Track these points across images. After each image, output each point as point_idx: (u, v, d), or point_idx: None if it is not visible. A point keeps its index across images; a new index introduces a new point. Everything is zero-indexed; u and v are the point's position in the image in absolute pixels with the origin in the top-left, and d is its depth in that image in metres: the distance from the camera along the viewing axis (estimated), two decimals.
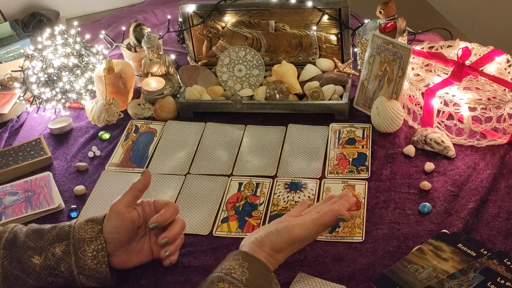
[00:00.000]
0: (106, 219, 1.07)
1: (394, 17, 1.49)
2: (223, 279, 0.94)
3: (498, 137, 1.35)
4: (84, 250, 1.04)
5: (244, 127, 1.47)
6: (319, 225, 1.04)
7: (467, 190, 1.24)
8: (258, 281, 0.96)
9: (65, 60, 1.57)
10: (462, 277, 1.03)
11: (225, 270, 0.96)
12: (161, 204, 1.11)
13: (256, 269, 0.97)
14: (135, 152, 1.43)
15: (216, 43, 1.60)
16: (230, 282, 0.94)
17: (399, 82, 1.40)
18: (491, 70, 1.42)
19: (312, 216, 1.05)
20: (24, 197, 1.31)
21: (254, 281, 0.95)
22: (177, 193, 1.30)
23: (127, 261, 1.09)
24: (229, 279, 0.94)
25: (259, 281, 0.96)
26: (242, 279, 0.94)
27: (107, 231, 1.06)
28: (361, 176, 1.30)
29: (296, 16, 1.53)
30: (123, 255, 1.08)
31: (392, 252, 1.13)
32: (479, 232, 1.15)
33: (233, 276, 0.95)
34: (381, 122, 1.39)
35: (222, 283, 0.93)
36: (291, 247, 1.04)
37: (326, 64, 1.55)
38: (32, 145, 1.45)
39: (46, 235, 1.06)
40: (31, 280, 1.04)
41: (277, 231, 1.02)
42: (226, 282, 0.94)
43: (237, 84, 1.53)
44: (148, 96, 1.54)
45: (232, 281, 0.94)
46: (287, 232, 1.02)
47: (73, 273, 1.04)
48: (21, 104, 1.61)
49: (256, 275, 0.96)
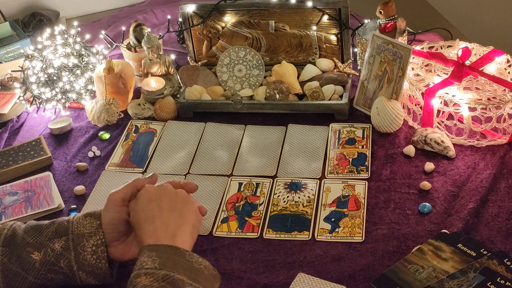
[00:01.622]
0: (104, 209, 1.07)
1: (394, 17, 1.49)
2: (139, 275, 0.93)
3: (498, 137, 1.35)
4: (83, 245, 1.04)
5: (244, 127, 1.47)
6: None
7: (467, 190, 1.24)
8: (171, 260, 0.94)
9: (65, 60, 1.57)
10: (462, 277, 1.03)
11: (137, 267, 0.95)
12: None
13: (163, 252, 0.96)
14: (135, 152, 1.43)
15: (216, 43, 1.60)
16: (145, 273, 0.93)
17: (399, 82, 1.40)
18: (491, 70, 1.42)
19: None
20: (24, 197, 1.31)
21: (167, 262, 0.94)
22: None
23: (126, 252, 1.09)
24: (144, 272, 0.93)
25: (172, 260, 0.94)
26: (155, 266, 0.94)
27: (105, 221, 1.06)
28: (361, 176, 1.30)
29: (296, 16, 1.53)
30: (121, 246, 1.08)
31: (392, 252, 1.13)
32: (479, 232, 1.15)
33: (146, 268, 0.94)
34: (381, 122, 1.39)
35: (138, 278, 0.93)
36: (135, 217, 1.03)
37: (326, 64, 1.55)
38: (32, 145, 1.45)
39: (45, 231, 1.05)
40: (31, 276, 1.03)
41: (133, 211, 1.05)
42: (142, 275, 0.93)
43: (237, 84, 1.54)
44: (148, 96, 1.54)
45: (147, 272, 0.93)
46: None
47: (72, 269, 1.04)
48: (21, 104, 1.61)
49: (166, 257, 0.95)
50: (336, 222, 1.20)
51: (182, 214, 1.03)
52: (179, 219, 1.02)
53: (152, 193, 1.04)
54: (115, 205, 1.06)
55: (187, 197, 1.06)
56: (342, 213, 1.22)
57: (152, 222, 1.00)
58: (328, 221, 1.21)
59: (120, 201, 1.06)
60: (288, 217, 1.23)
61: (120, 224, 1.06)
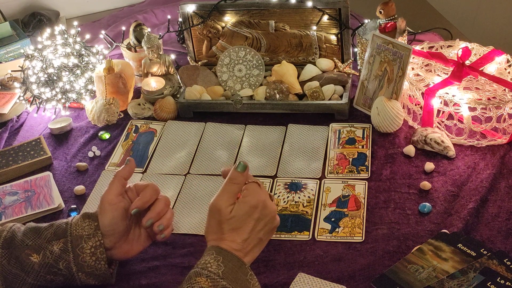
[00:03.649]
0: (100, 213, 1.06)
1: (394, 17, 1.49)
2: (200, 274, 0.94)
3: (498, 137, 1.35)
4: (82, 247, 1.04)
5: (244, 127, 1.47)
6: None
7: (467, 190, 1.24)
8: (234, 273, 0.96)
9: (65, 60, 1.57)
10: (462, 277, 1.03)
11: (201, 265, 0.96)
12: (141, 187, 1.10)
13: (230, 262, 0.97)
14: (135, 152, 1.43)
15: (216, 43, 1.60)
16: (207, 276, 0.94)
17: (399, 82, 1.40)
18: (491, 70, 1.42)
19: (223, 184, 1.04)
20: (24, 197, 1.31)
21: (230, 274, 0.95)
22: (177, 193, 1.30)
23: (129, 250, 1.09)
24: (206, 273, 0.94)
25: (235, 274, 0.96)
26: (218, 272, 0.95)
27: (104, 225, 1.05)
28: (361, 176, 1.30)
29: (296, 16, 1.53)
30: (124, 245, 1.08)
31: (392, 252, 1.13)
32: (479, 232, 1.15)
33: (209, 270, 0.95)
34: (381, 122, 1.39)
35: (199, 277, 0.94)
36: (232, 221, 1.01)
37: (326, 64, 1.55)
38: (32, 145, 1.45)
39: (43, 233, 1.05)
40: (30, 278, 1.04)
41: (209, 215, 1.02)
42: (204, 276, 0.94)
43: (237, 84, 1.54)
44: (148, 96, 1.54)
45: (209, 275, 0.94)
46: (214, 208, 1.01)
47: (72, 271, 1.04)
48: (21, 104, 1.61)
49: (231, 268, 0.96)
50: (336, 222, 1.20)
51: (265, 240, 1.04)
52: (260, 242, 1.03)
53: (260, 201, 1.02)
54: (110, 204, 1.06)
55: (277, 223, 1.05)
56: (342, 213, 1.22)
57: (237, 231, 1.00)
58: (328, 221, 1.21)
59: (116, 198, 1.06)
60: (288, 217, 1.23)
61: (120, 222, 1.06)
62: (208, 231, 1.02)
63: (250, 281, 0.97)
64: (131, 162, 1.10)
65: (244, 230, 1.00)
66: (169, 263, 1.16)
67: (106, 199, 1.06)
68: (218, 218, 1.01)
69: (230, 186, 1.02)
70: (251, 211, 1.01)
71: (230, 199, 1.01)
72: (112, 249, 1.07)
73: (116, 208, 1.06)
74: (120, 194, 1.07)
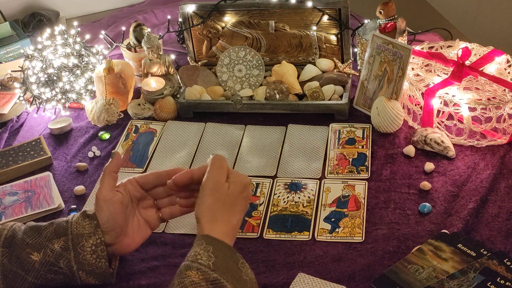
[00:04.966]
0: (97, 211, 1.06)
1: (394, 17, 1.49)
2: (191, 267, 0.94)
3: (498, 137, 1.35)
4: (82, 245, 1.04)
5: (244, 127, 1.47)
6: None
7: (467, 190, 1.24)
8: (225, 263, 0.95)
9: (65, 60, 1.57)
10: (462, 277, 1.03)
11: (191, 257, 0.96)
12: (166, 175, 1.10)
13: (221, 251, 0.96)
14: (135, 152, 1.43)
15: (216, 43, 1.60)
16: (197, 268, 0.93)
17: (399, 82, 1.40)
18: (491, 70, 1.42)
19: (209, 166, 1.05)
20: (24, 197, 1.31)
21: (221, 264, 0.94)
22: None
23: (131, 242, 1.08)
24: (197, 266, 0.94)
25: (226, 263, 0.95)
26: (209, 264, 0.94)
27: (102, 221, 1.05)
28: (361, 176, 1.30)
29: (296, 16, 1.53)
30: (125, 239, 1.08)
31: (392, 252, 1.13)
32: (479, 232, 1.15)
33: (199, 263, 0.94)
34: (381, 122, 1.39)
35: (190, 271, 0.93)
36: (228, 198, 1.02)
37: (326, 64, 1.55)
38: (32, 145, 1.45)
39: (43, 231, 1.06)
40: (31, 277, 1.04)
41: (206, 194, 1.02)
42: (194, 269, 0.93)
43: (237, 84, 1.54)
44: (148, 96, 1.54)
45: (200, 267, 0.94)
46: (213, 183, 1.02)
47: (72, 269, 1.04)
48: (21, 104, 1.61)
49: (222, 258, 0.95)
50: (336, 222, 1.20)
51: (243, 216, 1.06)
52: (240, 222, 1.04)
53: (248, 181, 1.05)
54: (105, 201, 1.05)
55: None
56: (342, 213, 1.22)
57: (231, 210, 1.02)
58: (328, 221, 1.21)
59: (109, 193, 1.06)
60: (288, 217, 1.23)
61: (117, 216, 1.05)
62: (202, 210, 1.01)
63: (242, 269, 0.96)
64: (117, 155, 1.10)
65: (236, 210, 1.02)
66: (169, 263, 1.16)
67: (100, 196, 1.06)
68: (216, 196, 1.01)
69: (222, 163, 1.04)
70: (243, 189, 1.03)
71: (225, 176, 1.03)
72: (113, 245, 1.06)
73: (111, 203, 1.05)
74: (112, 189, 1.07)
